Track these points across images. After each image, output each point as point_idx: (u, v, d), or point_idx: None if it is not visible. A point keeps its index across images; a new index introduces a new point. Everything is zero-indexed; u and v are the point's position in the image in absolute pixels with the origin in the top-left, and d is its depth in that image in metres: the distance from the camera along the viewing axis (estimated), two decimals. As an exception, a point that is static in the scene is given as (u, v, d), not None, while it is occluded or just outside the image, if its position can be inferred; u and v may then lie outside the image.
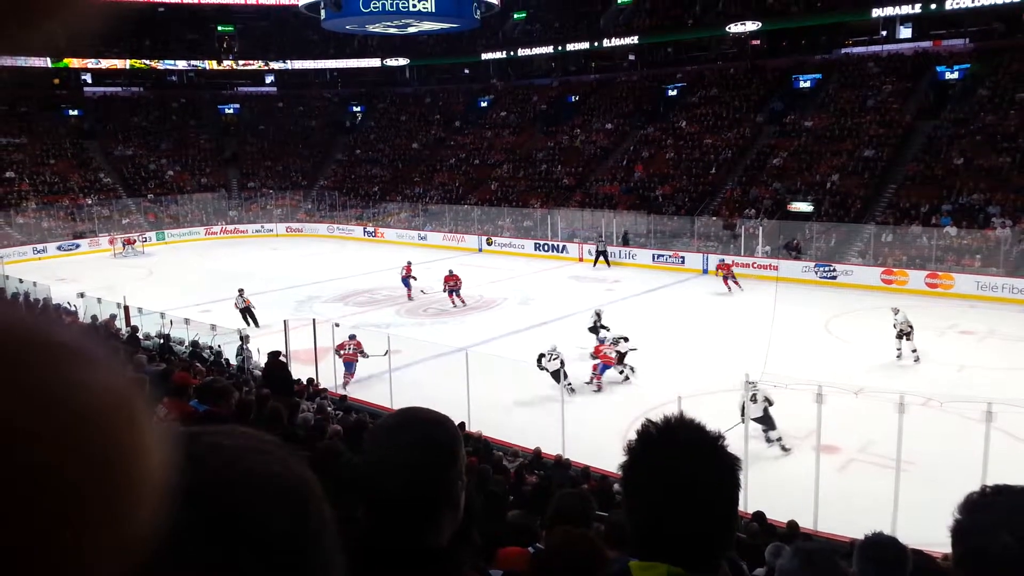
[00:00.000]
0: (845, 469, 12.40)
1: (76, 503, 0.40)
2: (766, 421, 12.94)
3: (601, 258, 31.94)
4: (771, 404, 12.87)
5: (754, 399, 12.72)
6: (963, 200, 28.23)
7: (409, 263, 26.12)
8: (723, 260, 27.25)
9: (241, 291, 22.30)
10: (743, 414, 12.35)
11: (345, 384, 16.49)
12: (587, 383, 16.39)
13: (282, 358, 13.80)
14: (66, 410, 0.40)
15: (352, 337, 16.92)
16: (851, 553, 2.90)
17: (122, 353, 9.93)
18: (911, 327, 17.54)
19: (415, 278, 25.70)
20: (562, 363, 15.57)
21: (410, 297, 25.50)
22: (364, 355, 16.66)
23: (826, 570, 2.59)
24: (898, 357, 17.72)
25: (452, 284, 24.42)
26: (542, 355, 15.86)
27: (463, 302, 24.44)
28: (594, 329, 19.10)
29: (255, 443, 0.61)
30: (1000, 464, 9.51)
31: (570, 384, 15.66)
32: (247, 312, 21.90)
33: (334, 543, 0.62)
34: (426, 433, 1.37)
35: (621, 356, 16.69)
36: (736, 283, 25.75)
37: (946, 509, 1.30)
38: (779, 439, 12.95)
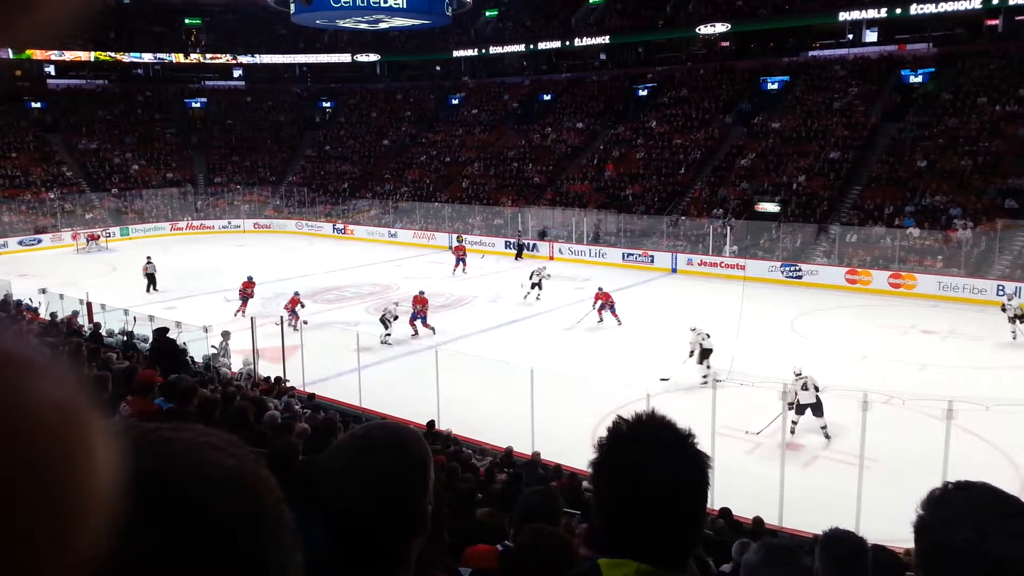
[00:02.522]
0: (810, 466, 12.57)
1: (24, 518, 0.39)
2: (819, 408, 13.27)
3: (520, 251, 33.17)
4: (820, 391, 13.29)
5: (805, 387, 13.21)
6: (926, 202, 28.76)
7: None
8: (601, 289, 22.27)
9: (149, 258, 26.20)
10: (791, 405, 12.72)
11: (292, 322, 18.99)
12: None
13: (169, 334, 13.36)
14: (10, 422, 0.39)
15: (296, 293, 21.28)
16: (813, 548, 2.94)
17: (84, 351, 9.76)
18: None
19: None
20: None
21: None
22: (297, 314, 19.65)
23: (789, 565, 2.62)
24: (1014, 338, 19.23)
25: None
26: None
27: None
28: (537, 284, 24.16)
29: (209, 439, 0.60)
30: (961, 460, 9.72)
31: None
32: (151, 278, 25.54)
33: (291, 542, 0.60)
34: (398, 445, 1.30)
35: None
36: (614, 315, 21.49)
37: (908, 505, 1.32)
38: (824, 427, 13.27)
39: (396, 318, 19.81)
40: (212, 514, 0.54)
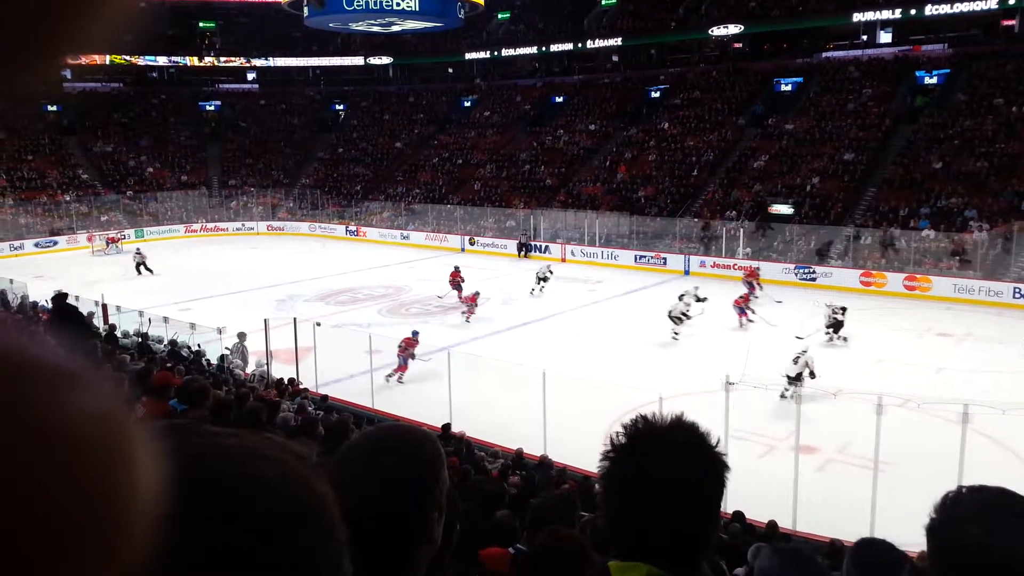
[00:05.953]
0: (823, 469, 12.50)
1: (68, 531, 0.39)
2: (798, 380, 14.62)
3: (524, 251, 34.08)
4: (813, 375, 14.85)
5: (795, 361, 14.92)
6: (941, 204, 28.55)
7: (457, 268, 24.79)
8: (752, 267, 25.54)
9: (138, 249, 30.71)
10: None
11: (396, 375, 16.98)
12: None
13: (70, 300, 12.92)
14: (51, 434, 0.39)
15: (415, 333, 17.50)
16: (830, 553, 2.91)
17: (99, 352, 9.82)
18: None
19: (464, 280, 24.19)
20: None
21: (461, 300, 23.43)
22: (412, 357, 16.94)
23: (810, 571, 2.59)
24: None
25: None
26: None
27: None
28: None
29: (264, 442, 0.58)
30: (976, 464, 9.64)
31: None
32: (142, 264, 29.24)
33: (337, 551, 0.58)
34: (410, 448, 1.29)
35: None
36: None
37: (922, 509, 1.32)
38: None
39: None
40: (251, 515, 0.52)
